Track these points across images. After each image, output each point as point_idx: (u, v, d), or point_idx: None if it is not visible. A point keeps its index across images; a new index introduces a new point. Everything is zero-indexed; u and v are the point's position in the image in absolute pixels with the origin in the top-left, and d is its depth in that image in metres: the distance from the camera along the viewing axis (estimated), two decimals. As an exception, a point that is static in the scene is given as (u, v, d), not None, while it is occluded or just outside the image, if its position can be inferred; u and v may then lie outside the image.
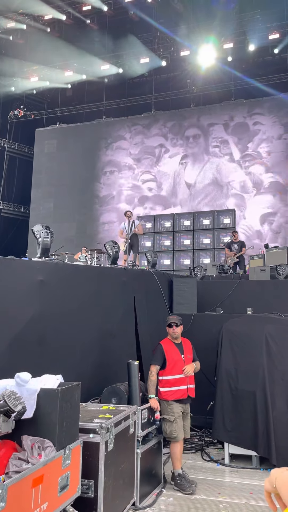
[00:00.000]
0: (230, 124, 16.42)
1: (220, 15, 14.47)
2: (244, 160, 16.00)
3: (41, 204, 18.77)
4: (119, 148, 18.03)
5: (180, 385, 4.44)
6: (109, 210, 17.70)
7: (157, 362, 4.49)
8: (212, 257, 13.96)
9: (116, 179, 17.91)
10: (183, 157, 17.03)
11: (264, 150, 15.69)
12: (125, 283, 5.67)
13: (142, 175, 17.55)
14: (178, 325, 4.67)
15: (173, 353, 4.53)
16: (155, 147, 17.52)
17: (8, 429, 2.58)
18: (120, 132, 18.11)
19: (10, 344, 3.58)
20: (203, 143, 16.76)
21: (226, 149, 16.33)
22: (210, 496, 4.18)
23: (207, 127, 16.79)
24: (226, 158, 16.26)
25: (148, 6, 15.09)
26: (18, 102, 19.56)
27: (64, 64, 17.13)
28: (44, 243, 4.52)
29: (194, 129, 17.04)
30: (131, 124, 18.04)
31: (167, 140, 17.42)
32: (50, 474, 2.64)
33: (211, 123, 16.73)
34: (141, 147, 17.75)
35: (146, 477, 4.08)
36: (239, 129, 16.20)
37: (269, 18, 14.18)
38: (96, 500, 3.15)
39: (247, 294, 7.14)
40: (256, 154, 15.84)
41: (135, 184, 17.57)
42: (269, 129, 15.84)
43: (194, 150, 16.89)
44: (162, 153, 17.42)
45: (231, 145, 16.29)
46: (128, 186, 17.66)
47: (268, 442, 4.74)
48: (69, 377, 3.24)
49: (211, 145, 16.59)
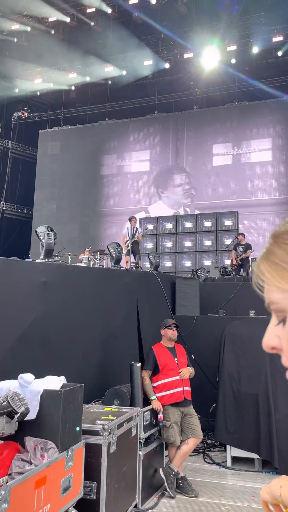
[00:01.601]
0: (233, 125, 16.44)
1: (224, 18, 14.49)
2: (246, 160, 16.01)
3: (44, 206, 18.81)
4: (122, 150, 18.06)
5: (176, 388, 4.43)
6: (112, 212, 17.72)
7: (148, 367, 4.48)
8: (214, 259, 13.95)
9: (119, 181, 17.94)
10: (186, 158, 17.04)
11: (266, 151, 15.70)
12: (127, 284, 5.68)
13: (145, 176, 17.57)
14: (177, 328, 4.69)
15: (166, 356, 4.52)
16: (158, 149, 17.54)
17: (11, 430, 2.58)
18: (123, 134, 18.14)
19: (13, 345, 3.59)
20: (206, 144, 16.77)
21: (230, 150, 16.34)
22: (212, 499, 4.17)
23: (210, 129, 16.80)
24: (229, 158, 16.27)
25: (152, 9, 15.13)
26: (22, 104, 19.64)
27: (68, 66, 17.19)
28: (47, 244, 4.54)
29: (197, 130, 17.06)
30: (134, 126, 18.07)
31: (170, 141, 17.44)
32: (53, 475, 2.64)
33: (214, 124, 16.75)
34: (144, 148, 17.77)
35: (148, 479, 4.07)
36: (243, 130, 16.21)
37: (273, 20, 14.19)
38: (98, 502, 3.14)
39: (249, 296, 7.11)
40: (258, 155, 15.85)
41: (138, 185, 17.59)
42: (272, 131, 15.83)
43: (196, 151, 16.90)
44: (165, 154, 17.43)
45: (235, 146, 16.30)
46: (131, 187, 17.68)
47: (271, 445, 4.73)
48: (72, 379, 3.24)
49: (214, 147, 16.60)
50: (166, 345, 4.63)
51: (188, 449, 4.39)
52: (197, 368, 5.50)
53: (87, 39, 15.81)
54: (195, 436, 4.41)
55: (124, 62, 16.45)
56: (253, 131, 16.20)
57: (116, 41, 15.88)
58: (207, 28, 14.84)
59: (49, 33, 16.09)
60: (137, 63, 16.30)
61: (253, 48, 14.84)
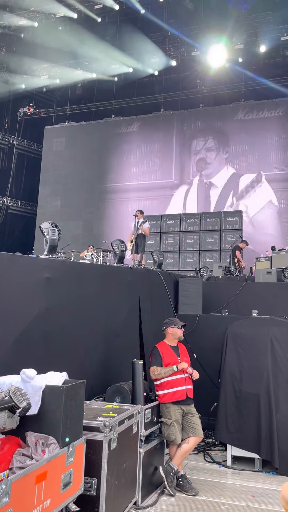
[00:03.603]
0: (240, 124, 16.38)
1: (231, 16, 14.42)
2: (254, 160, 15.96)
3: (48, 202, 18.83)
4: (127, 147, 18.03)
5: (179, 386, 4.43)
6: (116, 209, 17.71)
7: (157, 364, 4.49)
8: (218, 258, 13.92)
9: (124, 178, 17.92)
10: (191, 157, 17.01)
11: (274, 152, 15.66)
12: (130, 282, 5.68)
13: (151, 174, 17.55)
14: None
15: (169, 355, 4.53)
16: (164, 147, 17.51)
17: (13, 425, 2.59)
18: (129, 131, 18.11)
19: (16, 340, 3.59)
20: (212, 142, 16.73)
21: (235, 149, 16.30)
22: (211, 497, 4.18)
23: (217, 127, 16.75)
24: (234, 158, 16.23)
25: (159, 6, 15.07)
26: (28, 100, 19.64)
27: (74, 62, 17.16)
28: (51, 240, 4.53)
29: (204, 129, 17.01)
30: (140, 124, 18.03)
31: (176, 139, 17.40)
32: (54, 471, 2.65)
33: (222, 123, 16.70)
34: (149, 146, 17.74)
35: (148, 476, 4.08)
36: (250, 129, 16.15)
37: (281, 19, 14.11)
38: (98, 498, 3.15)
39: (253, 296, 7.12)
40: (266, 155, 15.80)
41: (143, 183, 17.57)
42: (280, 130, 15.77)
43: (201, 149, 16.86)
44: (170, 152, 17.40)
45: (240, 145, 16.25)
46: (136, 185, 17.66)
47: (271, 445, 4.72)
48: (74, 375, 3.24)
49: (220, 144, 16.55)
50: (170, 343, 4.64)
51: (188, 447, 4.39)
52: (199, 367, 5.51)
53: (94, 35, 15.76)
54: (196, 435, 4.41)
55: (130, 59, 16.40)
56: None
57: (123, 38, 15.83)
58: (214, 26, 14.77)
59: (56, 29, 16.04)
60: (144, 60, 16.25)
61: (260, 46, 14.75)
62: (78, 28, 15.84)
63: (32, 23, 15.96)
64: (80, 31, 15.78)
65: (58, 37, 15.98)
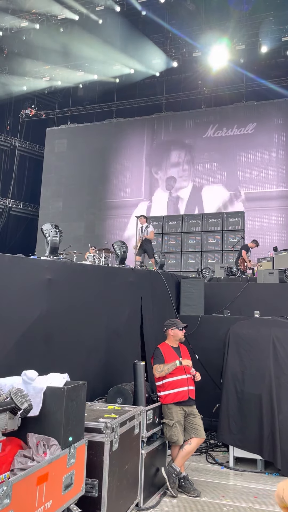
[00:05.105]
0: (241, 125, 16.37)
1: (232, 17, 14.43)
2: (255, 161, 15.95)
3: (50, 203, 18.86)
4: (129, 149, 18.05)
5: (181, 387, 4.42)
6: (118, 210, 17.72)
7: (160, 363, 4.49)
8: (220, 259, 13.91)
9: (126, 179, 17.93)
10: (191, 158, 17.00)
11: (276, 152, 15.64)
12: (132, 283, 5.67)
13: (152, 175, 17.55)
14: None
15: (171, 356, 4.53)
16: (165, 148, 17.51)
17: (14, 427, 2.59)
18: (130, 133, 18.13)
19: (17, 341, 3.59)
20: (213, 143, 16.72)
21: (237, 150, 16.29)
22: (214, 499, 4.17)
23: (219, 127, 16.75)
24: (237, 160, 16.22)
25: (161, 7, 15.08)
26: (30, 101, 19.70)
27: (76, 64, 17.20)
28: (53, 242, 4.53)
29: (205, 130, 17.01)
30: (141, 125, 18.05)
31: (177, 141, 17.40)
32: (55, 472, 2.65)
33: (224, 123, 16.70)
34: (151, 147, 17.75)
35: (150, 478, 4.07)
36: (251, 130, 16.14)
37: (282, 20, 14.11)
38: (100, 499, 3.15)
39: (255, 297, 7.10)
40: (268, 157, 15.79)
41: (145, 184, 17.57)
42: (281, 131, 15.76)
43: (203, 150, 16.86)
44: (171, 153, 17.40)
45: (242, 146, 16.24)
46: (138, 186, 17.67)
47: (273, 446, 4.71)
48: (75, 376, 3.24)
49: (221, 145, 16.55)
50: (172, 344, 4.64)
51: (190, 448, 4.38)
52: (201, 368, 5.49)
53: (96, 37, 15.79)
54: (198, 436, 4.40)
55: (132, 60, 16.43)
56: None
57: (124, 40, 15.86)
58: (215, 27, 14.78)
59: (57, 31, 16.09)
60: (145, 61, 16.27)
61: (262, 47, 14.76)
62: (80, 30, 15.88)
63: (33, 25, 16.01)
64: (81, 32, 15.82)
65: (59, 39, 16.04)
